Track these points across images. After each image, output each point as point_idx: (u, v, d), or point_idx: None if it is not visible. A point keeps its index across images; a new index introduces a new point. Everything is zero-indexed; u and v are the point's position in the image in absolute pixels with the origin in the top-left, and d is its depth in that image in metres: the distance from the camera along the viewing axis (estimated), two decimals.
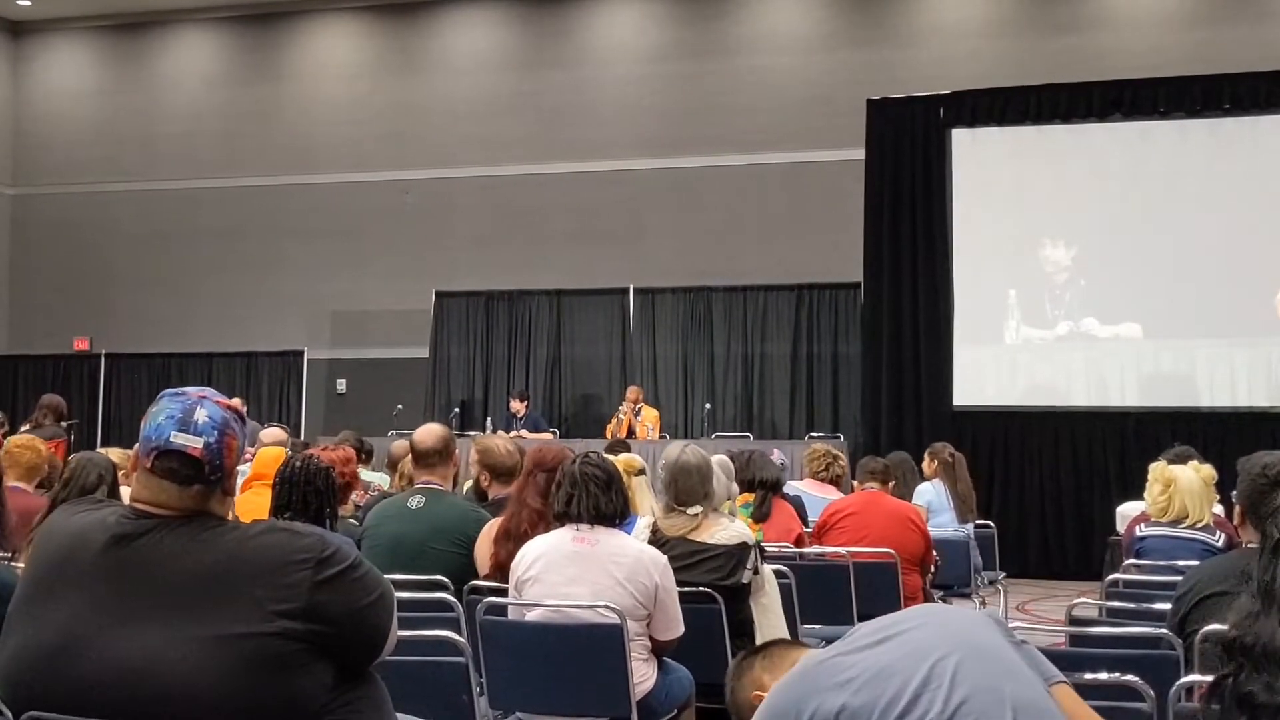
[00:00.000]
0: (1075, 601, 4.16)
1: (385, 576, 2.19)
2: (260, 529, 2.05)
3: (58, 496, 3.73)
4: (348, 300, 14.15)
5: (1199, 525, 4.54)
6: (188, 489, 2.03)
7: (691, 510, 4.11)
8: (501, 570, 3.86)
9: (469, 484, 5.61)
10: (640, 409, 11.82)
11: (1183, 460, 4.83)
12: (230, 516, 2.14)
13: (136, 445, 2.09)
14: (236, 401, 2.24)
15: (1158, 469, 4.66)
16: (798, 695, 1.82)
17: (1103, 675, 2.71)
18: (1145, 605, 3.71)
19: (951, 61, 12.39)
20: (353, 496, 5.57)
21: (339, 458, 4.87)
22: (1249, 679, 1.59)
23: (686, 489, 4.13)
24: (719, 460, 4.81)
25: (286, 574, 1.95)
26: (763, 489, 5.56)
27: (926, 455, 7.58)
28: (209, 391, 2.11)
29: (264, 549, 1.98)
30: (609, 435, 11.01)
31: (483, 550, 4.11)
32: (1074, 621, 3.69)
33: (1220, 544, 4.42)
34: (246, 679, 1.90)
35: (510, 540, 3.87)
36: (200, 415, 2.05)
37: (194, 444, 2.02)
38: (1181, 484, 4.55)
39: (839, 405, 12.53)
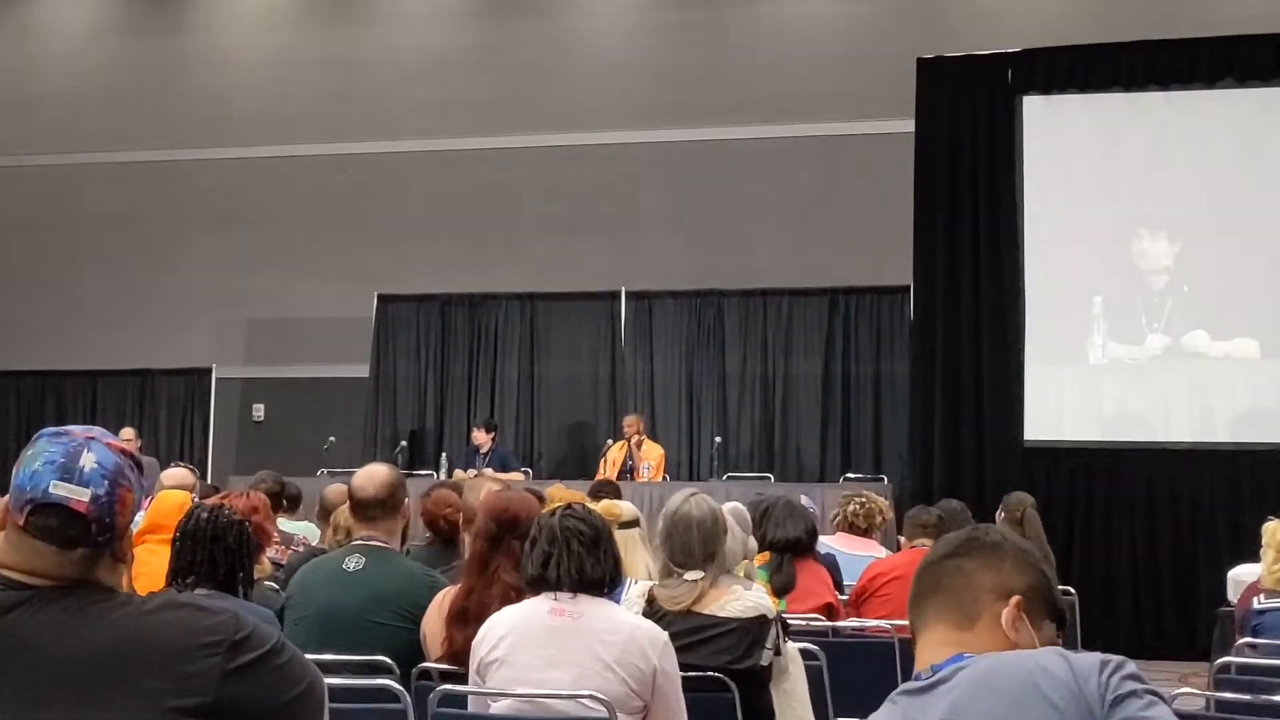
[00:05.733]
0: (1177, 692, 4.17)
1: (314, 659, 2.20)
2: (158, 604, 2.06)
3: None
4: (267, 305, 14.16)
5: None
6: (70, 553, 2.03)
7: (690, 575, 4.08)
8: (456, 658, 3.85)
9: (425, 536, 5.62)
10: (642, 443, 11.80)
11: None
12: (124, 586, 2.15)
13: (6, 498, 2.09)
14: (129, 433, 2.25)
15: (1272, 530, 4.67)
16: None
17: None
18: (1264, 696, 3.73)
19: (1022, 11, 12.45)
20: (270, 554, 5.57)
21: (249, 506, 4.87)
22: None
23: (684, 547, 4.09)
24: (733, 510, 4.79)
25: (190, 661, 1.96)
26: (778, 552, 5.54)
27: (1001, 509, 7.61)
28: (98, 432, 2.11)
29: (162, 629, 1.99)
30: (599, 475, 10.96)
31: (432, 627, 4.09)
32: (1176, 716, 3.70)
33: None
34: None
35: (469, 623, 3.85)
36: (87, 461, 2.05)
37: (79, 496, 2.03)
38: None
39: (881, 440, 12.56)
